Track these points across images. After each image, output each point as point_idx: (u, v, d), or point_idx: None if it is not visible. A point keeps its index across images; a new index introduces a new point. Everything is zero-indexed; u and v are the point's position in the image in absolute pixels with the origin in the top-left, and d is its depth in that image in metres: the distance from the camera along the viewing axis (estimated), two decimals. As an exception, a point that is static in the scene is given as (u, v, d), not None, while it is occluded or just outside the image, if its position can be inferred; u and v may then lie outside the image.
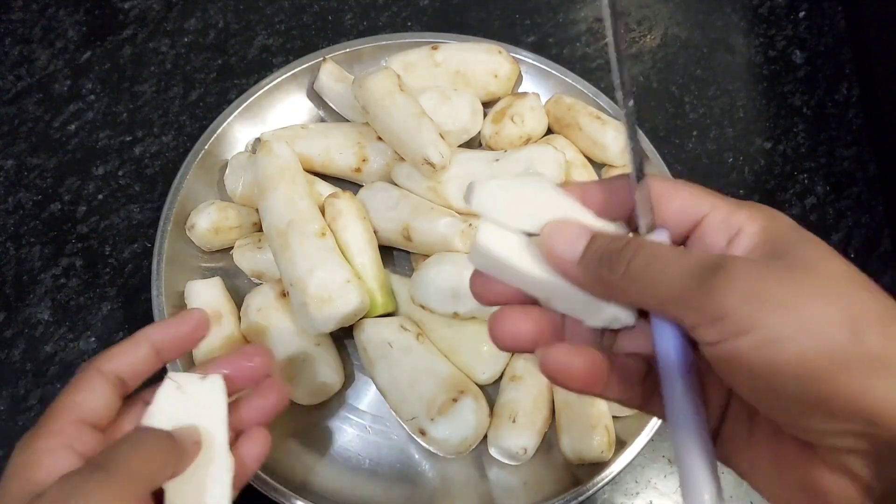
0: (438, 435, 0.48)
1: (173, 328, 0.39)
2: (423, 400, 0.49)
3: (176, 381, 0.38)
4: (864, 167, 0.66)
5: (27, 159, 0.63)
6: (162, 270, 0.53)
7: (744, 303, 0.24)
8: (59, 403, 0.35)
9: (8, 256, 0.59)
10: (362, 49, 0.63)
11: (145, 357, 0.38)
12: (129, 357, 0.37)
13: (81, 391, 0.35)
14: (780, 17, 0.73)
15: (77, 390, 0.35)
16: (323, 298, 0.48)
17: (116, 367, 0.37)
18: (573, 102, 0.61)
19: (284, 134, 0.58)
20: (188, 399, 0.37)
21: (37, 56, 0.68)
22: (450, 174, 0.55)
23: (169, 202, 0.56)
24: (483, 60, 0.61)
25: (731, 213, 0.28)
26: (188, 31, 0.69)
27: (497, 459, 0.51)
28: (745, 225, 0.28)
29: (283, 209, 0.51)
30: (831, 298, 0.24)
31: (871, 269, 0.61)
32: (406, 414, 0.50)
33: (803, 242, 0.26)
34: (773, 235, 0.27)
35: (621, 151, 0.59)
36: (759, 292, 0.24)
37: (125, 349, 0.37)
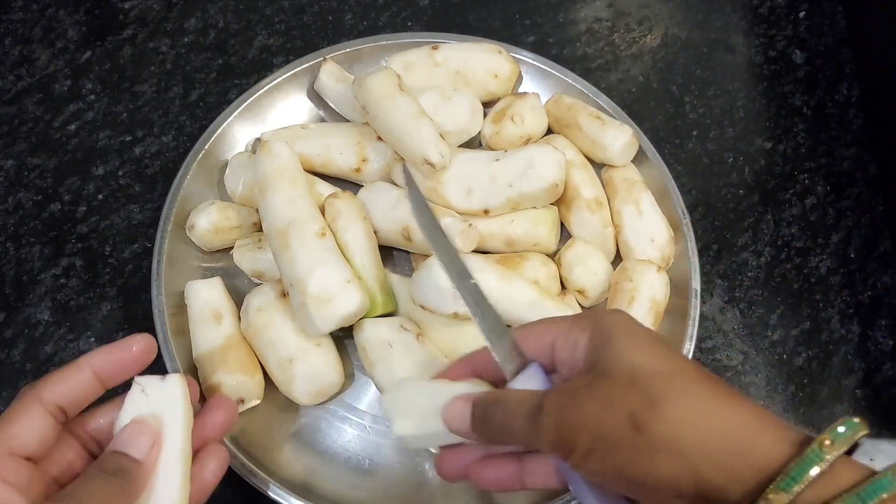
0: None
1: (115, 354, 0.38)
2: None
3: (140, 385, 0.38)
4: (864, 167, 0.66)
5: (27, 159, 0.63)
6: (162, 270, 0.53)
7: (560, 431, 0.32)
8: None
9: (8, 256, 0.59)
10: (362, 49, 0.63)
11: (87, 384, 0.37)
12: (70, 384, 0.37)
13: (17, 423, 0.35)
14: (780, 17, 0.73)
15: (13, 422, 0.35)
16: (323, 299, 0.48)
17: (56, 395, 0.36)
18: (573, 102, 0.61)
19: (284, 134, 0.58)
20: (152, 401, 0.38)
21: (37, 56, 0.68)
22: (450, 174, 0.55)
23: (169, 202, 0.56)
24: (483, 60, 0.61)
25: (570, 329, 0.36)
26: (188, 31, 0.69)
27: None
28: (579, 337, 0.35)
29: (283, 209, 0.51)
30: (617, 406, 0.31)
31: (871, 268, 0.61)
32: None
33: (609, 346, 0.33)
34: (594, 342, 0.34)
35: (620, 153, 0.59)
36: (566, 419, 0.32)
37: (66, 375, 0.37)
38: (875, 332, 0.59)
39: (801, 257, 0.61)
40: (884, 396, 0.57)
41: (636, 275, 0.54)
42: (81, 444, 0.38)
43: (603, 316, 0.36)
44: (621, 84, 0.68)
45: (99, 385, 0.38)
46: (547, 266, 0.55)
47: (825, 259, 0.62)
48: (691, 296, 0.55)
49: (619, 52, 0.70)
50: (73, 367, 0.37)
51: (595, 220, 0.57)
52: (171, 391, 0.38)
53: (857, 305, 0.60)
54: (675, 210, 0.58)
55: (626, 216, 0.57)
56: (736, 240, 0.62)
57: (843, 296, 0.60)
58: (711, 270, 0.60)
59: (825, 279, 0.61)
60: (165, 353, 0.50)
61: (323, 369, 0.51)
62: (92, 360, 0.37)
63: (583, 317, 0.37)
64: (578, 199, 0.58)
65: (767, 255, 0.61)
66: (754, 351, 0.58)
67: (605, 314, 0.36)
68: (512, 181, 0.54)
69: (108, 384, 0.38)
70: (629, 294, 0.53)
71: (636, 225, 0.57)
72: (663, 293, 0.54)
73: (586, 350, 0.35)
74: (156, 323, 0.51)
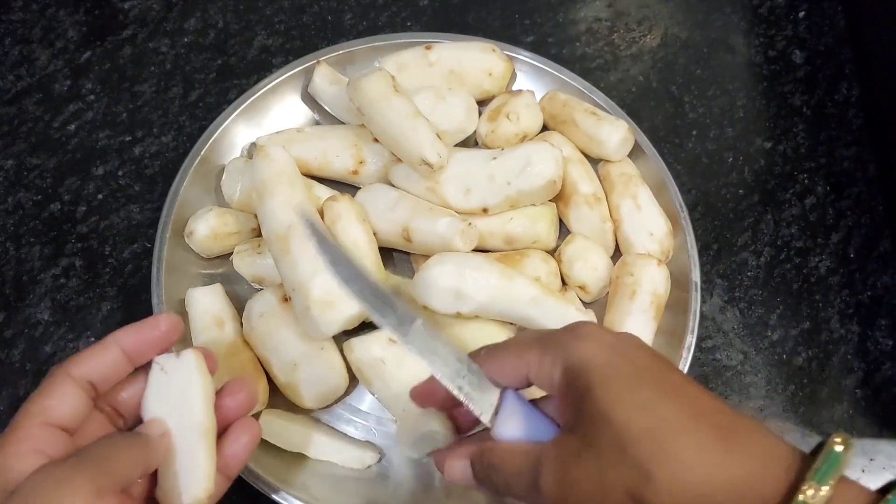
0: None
1: (142, 333, 0.38)
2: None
3: (159, 364, 0.39)
4: (864, 167, 0.65)
5: (27, 159, 0.63)
6: (162, 278, 0.53)
7: (559, 488, 0.32)
8: (28, 408, 0.35)
9: (8, 256, 0.59)
10: (355, 51, 0.63)
11: (115, 361, 0.38)
12: (98, 361, 0.37)
13: (50, 396, 0.35)
14: (780, 17, 0.73)
15: (45, 395, 0.36)
16: (326, 302, 0.48)
17: (86, 372, 0.37)
18: (568, 99, 0.61)
19: (280, 138, 0.58)
20: (172, 378, 0.38)
21: (37, 56, 0.68)
22: (448, 174, 0.55)
23: (166, 209, 0.56)
24: (477, 59, 0.61)
25: (540, 360, 0.35)
26: (188, 31, 0.69)
27: None
28: (552, 371, 0.34)
29: (282, 214, 0.51)
30: (613, 484, 0.30)
31: (871, 268, 0.61)
32: None
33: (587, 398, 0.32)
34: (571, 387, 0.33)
35: (616, 149, 0.59)
36: (564, 478, 0.32)
37: (95, 353, 0.37)
38: (875, 332, 0.59)
39: (800, 257, 0.61)
40: (883, 396, 0.57)
41: (637, 269, 0.54)
42: (107, 418, 0.39)
43: (572, 348, 0.34)
44: (621, 84, 0.68)
45: (127, 362, 0.38)
46: (547, 263, 0.55)
47: (825, 259, 0.61)
48: (692, 289, 0.55)
49: (619, 52, 0.70)
50: (101, 345, 0.37)
51: (593, 216, 0.57)
52: (188, 366, 0.38)
53: (857, 305, 0.60)
54: (673, 203, 0.58)
55: (625, 211, 0.57)
56: (736, 240, 0.62)
57: (843, 296, 0.60)
58: (711, 270, 0.60)
59: (825, 279, 0.61)
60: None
61: (327, 373, 0.51)
62: (119, 338, 0.38)
63: (550, 344, 0.35)
64: (576, 195, 0.58)
65: (767, 255, 0.61)
66: (754, 351, 0.58)
67: (571, 343, 0.34)
68: (510, 179, 0.54)
69: (135, 362, 0.38)
70: (630, 288, 0.53)
71: (635, 219, 0.57)
72: (664, 287, 0.54)
73: (563, 393, 0.34)
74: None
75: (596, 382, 0.32)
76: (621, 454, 0.30)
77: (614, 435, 0.31)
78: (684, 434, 0.30)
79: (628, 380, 0.32)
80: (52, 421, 0.35)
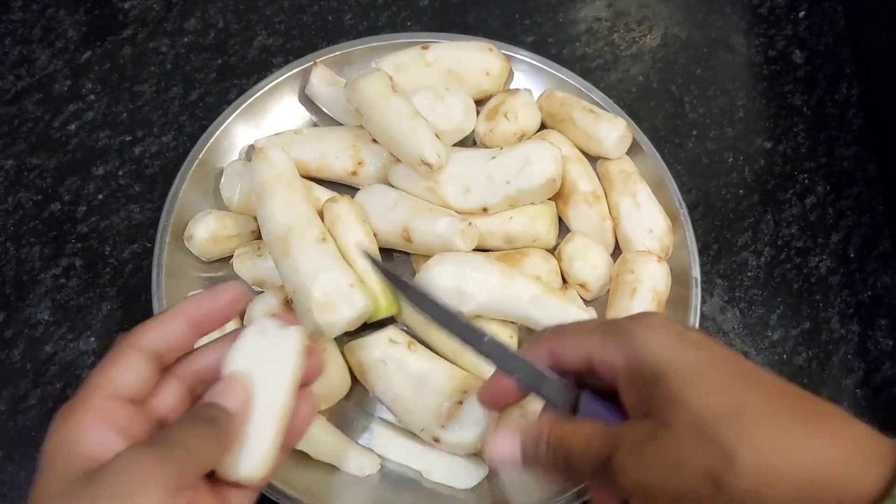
0: (453, 439, 0.49)
1: (209, 302, 0.37)
2: (429, 410, 0.49)
3: (263, 327, 0.36)
4: (864, 167, 0.65)
5: (27, 159, 0.63)
6: (162, 283, 0.53)
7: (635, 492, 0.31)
8: (94, 379, 0.34)
9: (8, 256, 0.59)
10: (352, 51, 0.63)
11: (181, 331, 0.36)
12: (164, 331, 0.36)
13: (116, 367, 0.34)
14: (780, 17, 0.73)
15: (112, 366, 0.34)
16: (327, 304, 0.48)
17: (151, 342, 0.35)
18: (566, 97, 0.61)
19: (278, 140, 0.58)
20: (264, 347, 0.36)
21: (37, 56, 0.68)
22: (447, 174, 0.55)
23: (166, 212, 0.55)
24: (474, 59, 0.61)
25: (603, 347, 0.35)
26: (188, 31, 0.69)
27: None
28: (614, 358, 0.34)
29: (281, 216, 0.51)
30: (691, 466, 0.30)
31: (871, 268, 0.61)
32: (416, 426, 0.50)
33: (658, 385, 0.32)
34: (637, 374, 0.33)
35: (614, 146, 0.59)
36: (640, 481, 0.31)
37: (161, 323, 0.36)
38: (875, 332, 0.59)
39: (801, 257, 0.61)
40: (884, 396, 0.57)
41: (637, 266, 0.54)
42: (186, 387, 0.37)
43: (638, 337, 0.34)
44: (621, 84, 0.68)
45: (193, 332, 0.37)
46: (547, 261, 0.56)
47: (825, 259, 0.61)
48: (692, 285, 0.55)
49: (619, 52, 0.70)
50: (167, 315, 0.36)
51: (593, 214, 0.57)
52: (291, 342, 0.36)
53: (857, 305, 0.60)
54: (672, 200, 0.58)
55: (624, 208, 0.57)
56: (736, 240, 0.62)
57: (843, 296, 0.60)
58: (711, 270, 0.60)
59: (825, 279, 0.61)
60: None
61: (330, 374, 0.51)
62: (184, 308, 0.36)
63: (613, 332, 0.35)
64: (575, 193, 0.58)
65: (767, 255, 0.61)
66: (754, 351, 0.58)
67: (638, 332, 0.34)
68: (509, 178, 0.54)
69: (202, 331, 0.37)
70: (631, 286, 0.53)
71: (634, 217, 0.57)
72: (665, 283, 0.54)
73: (628, 380, 0.34)
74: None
75: (668, 370, 0.32)
76: (700, 436, 0.30)
77: (691, 418, 0.30)
78: (766, 416, 0.30)
79: (702, 366, 0.32)
80: (119, 392, 0.34)
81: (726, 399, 0.30)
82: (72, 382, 0.54)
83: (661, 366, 0.32)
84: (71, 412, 0.33)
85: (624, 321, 0.35)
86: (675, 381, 0.31)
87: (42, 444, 0.32)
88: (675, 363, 0.32)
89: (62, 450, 0.32)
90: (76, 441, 0.32)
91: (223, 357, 0.36)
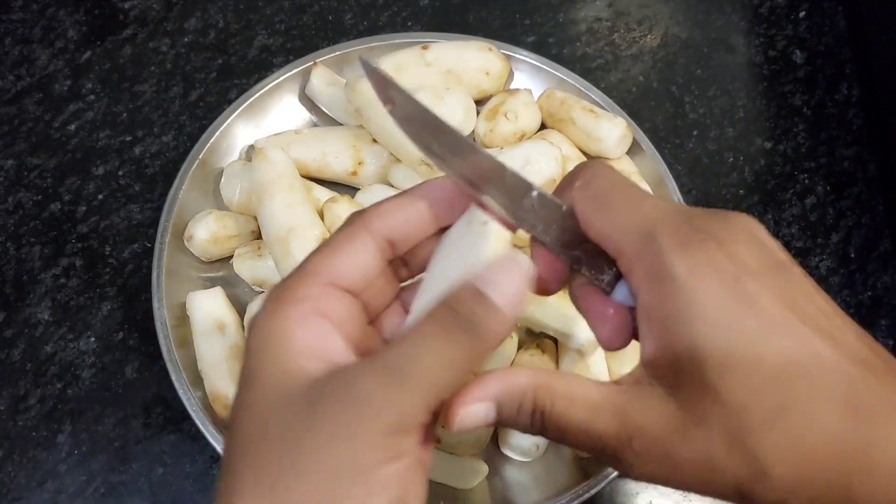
0: (452, 440, 0.49)
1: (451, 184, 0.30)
2: None
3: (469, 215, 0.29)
4: (864, 167, 0.65)
5: (27, 159, 0.63)
6: (162, 283, 0.53)
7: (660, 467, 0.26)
8: (313, 263, 0.28)
9: (8, 256, 0.59)
10: (352, 51, 0.63)
11: (422, 217, 0.30)
12: (403, 215, 0.30)
13: (340, 251, 0.29)
14: (780, 17, 0.73)
15: (336, 251, 0.29)
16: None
17: (388, 227, 0.30)
18: (566, 97, 0.61)
19: (278, 140, 0.58)
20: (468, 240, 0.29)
21: (37, 56, 0.68)
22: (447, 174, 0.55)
23: (166, 213, 0.55)
24: (474, 58, 0.61)
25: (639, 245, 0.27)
26: (188, 31, 0.69)
27: (508, 457, 0.51)
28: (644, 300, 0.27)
29: (282, 216, 0.51)
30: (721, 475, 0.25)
31: (871, 269, 0.61)
32: None
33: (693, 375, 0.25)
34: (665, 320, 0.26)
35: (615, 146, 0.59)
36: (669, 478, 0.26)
37: (400, 205, 0.30)
38: (875, 332, 0.59)
39: (801, 257, 0.61)
40: (884, 396, 0.57)
41: None
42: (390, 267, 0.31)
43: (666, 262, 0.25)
44: (621, 84, 0.68)
45: (432, 221, 0.30)
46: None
47: (825, 259, 0.61)
48: None
49: (619, 52, 0.70)
50: (407, 196, 0.30)
51: (593, 214, 0.57)
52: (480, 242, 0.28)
53: (857, 305, 0.60)
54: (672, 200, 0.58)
55: (625, 209, 0.57)
56: (736, 240, 0.62)
57: (843, 296, 0.60)
58: (711, 270, 0.60)
59: (825, 279, 0.61)
60: (170, 365, 0.50)
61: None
62: (430, 189, 0.30)
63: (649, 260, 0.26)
64: (576, 194, 0.58)
65: (767, 255, 0.61)
66: (754, 351, 0.58)
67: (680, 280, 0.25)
68: (510, 179, 0.54)
69: (440, 221, 0.31)
70: (630, 286, 0.53)
71: None
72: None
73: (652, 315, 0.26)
74: (159, 335, 0.51)
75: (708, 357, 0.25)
76: (735, 444, 0.24)
77: (728, 421, 0.25)
78: (811, 421, 0.24)
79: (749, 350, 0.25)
80: (339, 282, 0.28)
81: (770, 400, 0.24)
82: (72, 382, 0.54)
83: (700, 350, 0.25)
84: (282, 302, 0.27)
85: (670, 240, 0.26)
86: (715, 372, 0.25)
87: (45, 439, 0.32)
88: (718, 347, 0.25)
89: (269, 350, 0.26)
90: (285, 339, 0.26)
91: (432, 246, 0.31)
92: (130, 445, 0.53)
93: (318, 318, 0.27)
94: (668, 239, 0.26)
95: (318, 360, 0.26)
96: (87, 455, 0.52)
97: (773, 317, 0.25)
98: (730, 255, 0.25)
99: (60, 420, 0.53)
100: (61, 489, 0.51)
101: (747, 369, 0.24)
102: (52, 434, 0.53)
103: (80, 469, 0.52)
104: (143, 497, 0.51)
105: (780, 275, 0.26)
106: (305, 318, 0.27)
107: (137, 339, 0.56)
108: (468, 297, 0.26)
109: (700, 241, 0.25)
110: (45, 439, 0.53)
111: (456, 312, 0.25)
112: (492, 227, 0.28)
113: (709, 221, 0.26)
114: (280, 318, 0.26)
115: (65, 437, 0.53)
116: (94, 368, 0.55)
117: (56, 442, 0.53)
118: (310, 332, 0.26)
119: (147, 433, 0.53)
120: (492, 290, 0.26)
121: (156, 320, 0.52)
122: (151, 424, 0.53)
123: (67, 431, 0.53)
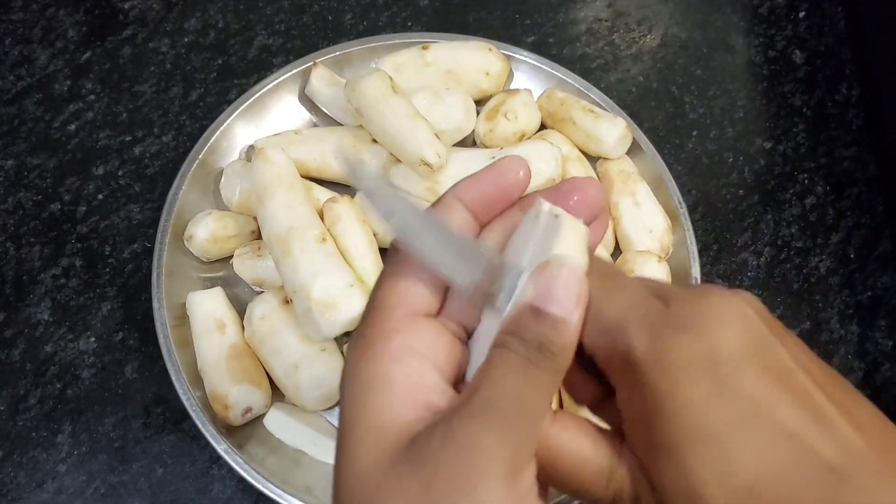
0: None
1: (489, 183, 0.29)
2: None
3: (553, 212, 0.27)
4: (864, 167, 0.65)
5: (27, 159, 0.63)
6: (162, 283, 0.53)
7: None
8: (381, 299, 0.26)
9: (8, 256, 0.59)
10: (352, 52, 0.63)
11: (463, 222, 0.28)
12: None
13: (405, 276, 0.26)
14: (780, 17, 0.73)
15: (399, 277, 0.26)
16: (327, 304, 0.48)
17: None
18: (565, 97, 0.61)
19: (278, 140, 0.58)
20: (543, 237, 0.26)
21: (37, 56, 0.68)
22: (447, 174, 0.55)
23: (165, 213, 0.55)
24: (474, 59, 0.61)
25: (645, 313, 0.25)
26: (188, 31, 0.69)
27: None
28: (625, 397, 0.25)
29: (282, 216, 0.51)
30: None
31: (871, 269, 0.61)
32: None
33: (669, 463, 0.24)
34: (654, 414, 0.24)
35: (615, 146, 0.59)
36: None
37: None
38: (875, 332, 0.59)
39: (800, 257, 0.61)
40: (884, 396, 0.57)
41: (637, 266, 0.54)
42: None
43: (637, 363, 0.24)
44: (621, 84, 0.68)
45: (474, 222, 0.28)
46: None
47: (825, 259, 0.61)
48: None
49: (619, 53, 0.70)
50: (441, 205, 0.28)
51: (593, 213, 0.57)
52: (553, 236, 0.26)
53: (857, 305, 0.60)
54: (672, 200, 0.58)
55: (624, 208, 0.58)
56: (736, 240, 0.62)
57: (843, 296, 0.60)
58: (711, 270, 0.60)
59: (825, 279, 0.61)
60: (170, 365, 0.50)
61: (329, 374, 0.51)
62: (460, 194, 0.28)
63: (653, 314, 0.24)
64: (576, 193, 0.58)
65: (767, 255, 0.61)
66: (754, 351, 0.58)
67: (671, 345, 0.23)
68: (510, 179, 0.54)
69: (482, 220, 0.29)
70: (630, 286, 0.53)
71: (634, 216, 0.57)
72: (665, 283, 0.55)
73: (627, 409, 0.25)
74: (159, 336, 0.51)
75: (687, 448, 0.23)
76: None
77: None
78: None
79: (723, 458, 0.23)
80: (417, 309, 0.26)
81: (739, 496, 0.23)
82: (72, 382, 0.54)
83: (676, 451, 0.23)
84: (374, 339, 0.25)
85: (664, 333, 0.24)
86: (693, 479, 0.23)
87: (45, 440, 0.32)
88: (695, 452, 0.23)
89: (369, 399, 0.24)
90: (384, 383, 0.24)
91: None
92: (130, 445, 0.53)
93: (410, 354, 0.25)
94: (637, 339, 0.24)
95: (417, 407, 0.24)
96: (86, 455, 0.52)
97: (744, 414, 0.23)
98: (706, 346, 0.23)
99: (60, 420, 0.53)
100: (61, 489, 0.51)
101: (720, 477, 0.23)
102: (51, 434, 0.53)
103: (79, 469, 0.52)
104: (143, 497, 0.51)
105: (762, 355, 0.24)
106: (399, 356, 0.25)
107: (137, 339, 0.56)
108: (529, 321, 0.24)
109: (673, 334, 0.24)
110: (45, 439, 0.53)
111: (524, 340, 0.24)
112: (564, 219, 0.26)
113: (685, 305, 0.24)
114: (375, 361, 0.25)
115: (65, 437, 0.53)
116: (94, 368, 0.55)
117: (56, 442, 0.53)
118: (407, 370, 0.24)
119: (147, 433, 0.53)
120: (549, 304, 0.24)
121: (156, 320, 0.52)
122: (151, 424, 0.53)
123: (67, 432, 0.53)
